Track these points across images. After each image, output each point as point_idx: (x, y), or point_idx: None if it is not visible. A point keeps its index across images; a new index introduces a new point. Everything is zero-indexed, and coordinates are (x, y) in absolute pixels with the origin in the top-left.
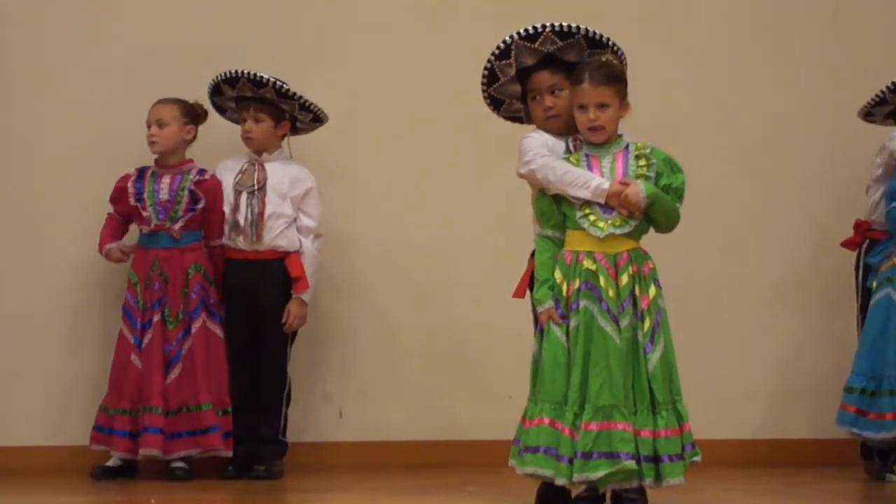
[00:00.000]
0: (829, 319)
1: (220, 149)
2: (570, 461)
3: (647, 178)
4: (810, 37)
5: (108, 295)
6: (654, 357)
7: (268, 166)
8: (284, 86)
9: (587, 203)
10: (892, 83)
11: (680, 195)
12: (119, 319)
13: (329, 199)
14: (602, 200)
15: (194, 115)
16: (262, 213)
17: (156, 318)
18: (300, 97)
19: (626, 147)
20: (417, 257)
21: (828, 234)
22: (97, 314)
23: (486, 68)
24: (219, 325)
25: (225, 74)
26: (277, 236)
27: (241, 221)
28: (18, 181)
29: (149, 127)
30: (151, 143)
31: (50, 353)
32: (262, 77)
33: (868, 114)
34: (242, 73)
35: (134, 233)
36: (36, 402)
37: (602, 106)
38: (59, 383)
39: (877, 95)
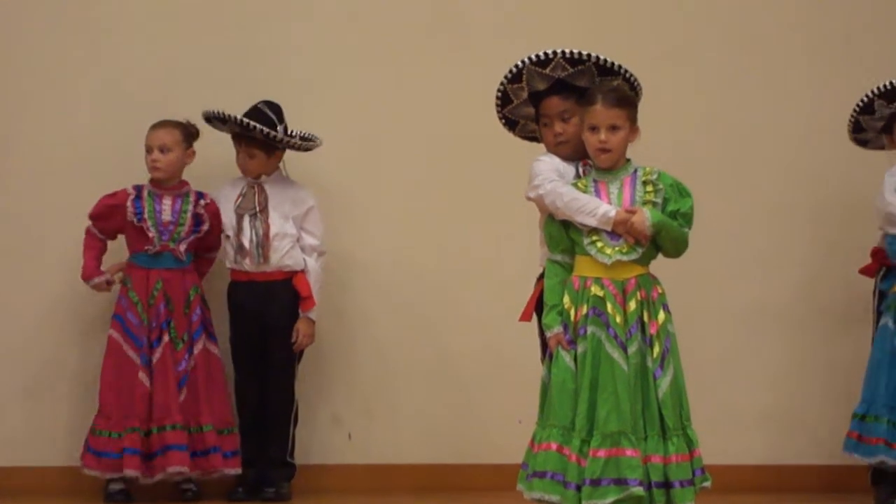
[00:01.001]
0: (841, 344)
1: (215, 164)
2: (578, 488)
3: (654, 204)
4: (822, 63)
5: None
6: (664, 382)
7: (267, 188)
8: (272, 133)
9: (594, 229)
10: (858, 105)
11: (688, 220)
12: (97, 341)
13: (333, 221)
14: (608, 228)
15: (192, 136)
16: (266, 234)
17: (165, 337)
18: (287, 141)
19: (634, 172)
20: (426, 279)
21: (839, 259)
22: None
23: (499, 90)
24: (216, 345)
25: (216, 113)
26: (284, 256)
27: (247, 244)
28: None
29: (150, 151)
30: (154, 169)
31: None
32: (249, 124)
33: (859, 141)
34: (229, 116)
35: (114, 253)
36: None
37: (613, 128)
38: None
39: (850, 121)
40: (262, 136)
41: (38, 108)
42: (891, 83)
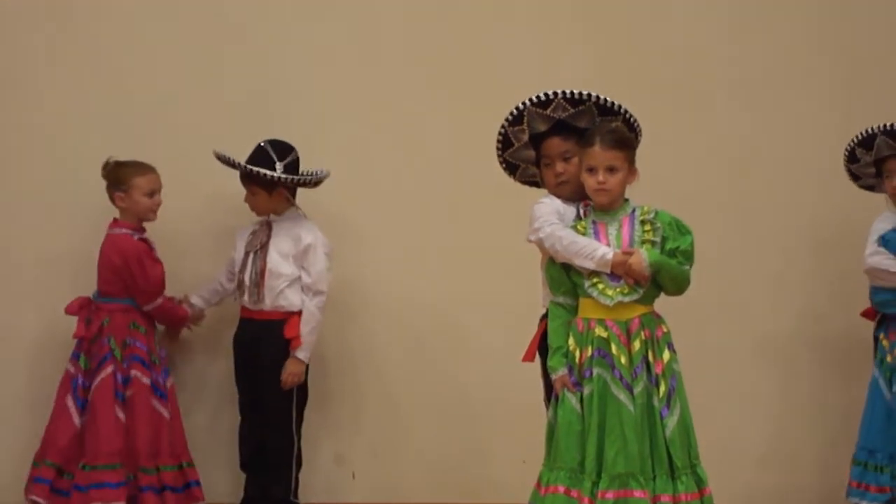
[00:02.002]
0: (841, 385)
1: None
2: None
3: (652, 243)
4: (826, 98)
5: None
6: (671, 422)
7: (275, 226)
8: (255, 170)
9: (595, 272)
10: (844, 157)
11: (688, 256)
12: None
13: (341, 258)
14: (607, 270)
15: None
16: (262, 272)
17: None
18: (272, 177)
19: (633, 212)
20: (430, 318)
21: (840, 299)
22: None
23: (500, 133)
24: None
25: (219, 155)
26: (278, 296)
27: (246, 280)
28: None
29: (152, 196)
30: (155, 213)
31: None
32: (234, 161)
33: (852, 174)
34: (222, 156)
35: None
36: None
37: (611, 169)
38: None
39: (847, 149)
40: (246, 173)
41: (42, 147)
42: (867, 130)
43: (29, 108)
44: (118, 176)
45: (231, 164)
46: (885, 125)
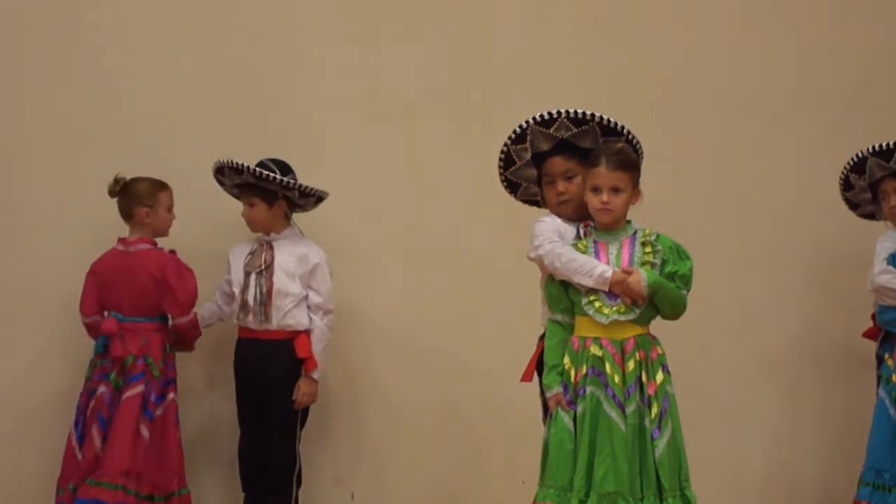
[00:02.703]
0: (843, 404)
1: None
2: None
3: (652, 265)
4: (825, 121)
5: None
6: (661, 443)
7: (276, 245)
8: (259, 171)
9: (593, 290)
10: (851, 160)
11: (686, 282)
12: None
13: (340, 276)
14: (605, 288)
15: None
16: (269, 292)
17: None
18: (280, 180)
19: (634, 234)
20: (429, 338)
21: (839, 318)
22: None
23: (502, 152)
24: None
25: (215, 165)
26: (286, 315)
27: (250, 301)
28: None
29: (170, 211)
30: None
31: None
32: (238, 164)
33: (849, 203)
34: (223, 161)
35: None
36: None
37: (615, 190)
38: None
39: (841, 175)
40: (254, 176)
41: (42, 166)
42: (858, 154)
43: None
44: (140, 191)
45: (236, 168)
46: (873, 146)
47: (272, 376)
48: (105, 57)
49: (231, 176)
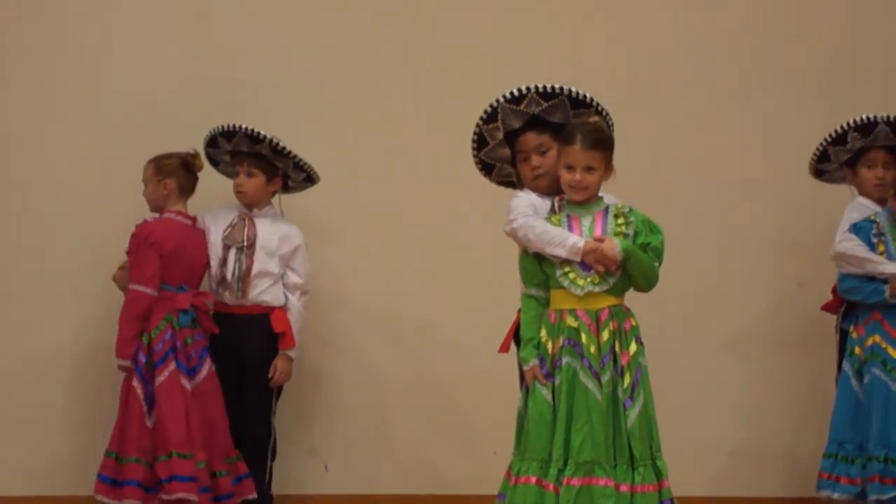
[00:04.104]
0: (808, 377)
1: (213, 201)
2: None
3: (625, 235)
4: (796, 97)
5: (106, 349)
6: (633, 413)
7: (258, 222)
8: (280, 143)
9: (567, 262)
10: (830, 136)
11: (658, 254)
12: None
13: (317, 254)
14: (578, 258)
15: (170, 169)
16: (249, 270)
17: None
18: (295, 156)
19: (606, 208)
20: (404, 312)
21: (807, 291)
22: (96, 368)
23: (475, 133)
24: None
25: (223, 128)
26: (262, 292)
27: (229, 276)
28: (15, 234)
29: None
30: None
31: (43, 403)
32: (259, 133)
33: (818, 172)
34: (240, 127)
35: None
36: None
37: (589, 169)
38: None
39: (817, 149)
40: (271, 146)
41: (23, 147)
42: (867, 117)
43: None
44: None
45: (254, 136)
46: (874, 116)
47: (249, 353)
48: (82, 34)
49: (239, 143)
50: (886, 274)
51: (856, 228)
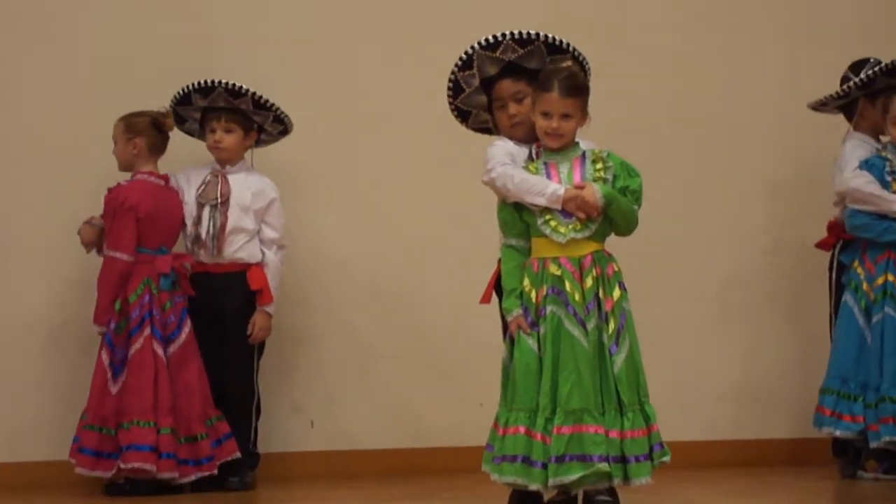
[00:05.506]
0: (800, 318)
1: (181, 160)
2: (544, 466)
3: (604, 180)
4: (784, 36)
5: (82, 314)
6: (619, 359)
7: (231, 179)
8: (263, 97)
9: (547, 210)
10: (861, 79)
11: (637, 198)
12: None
13: (294, 209)
14: (559, 207)
15: (140, 128)
16: (223, 227)
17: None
18: (277, 108)
19: (584, 154)
20: (385, 265)
21: (797, 232)
22: (72, 333)
23: (450, 80)
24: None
25: (200, 84)
26: (238, 249)
27: (203, 235)
28: None
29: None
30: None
31: (26, 371)
32: (240, 87)
33: (823, 104)
34: (220, 82)
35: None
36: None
37: (566, 116)
38: (33, 400)
39: (844, 90)
40: (252, 99)
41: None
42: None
43: None
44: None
45: (234, 90)
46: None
47: (228, 311)
48: None
49: (216, 99)
50: None
51: (868, 165)
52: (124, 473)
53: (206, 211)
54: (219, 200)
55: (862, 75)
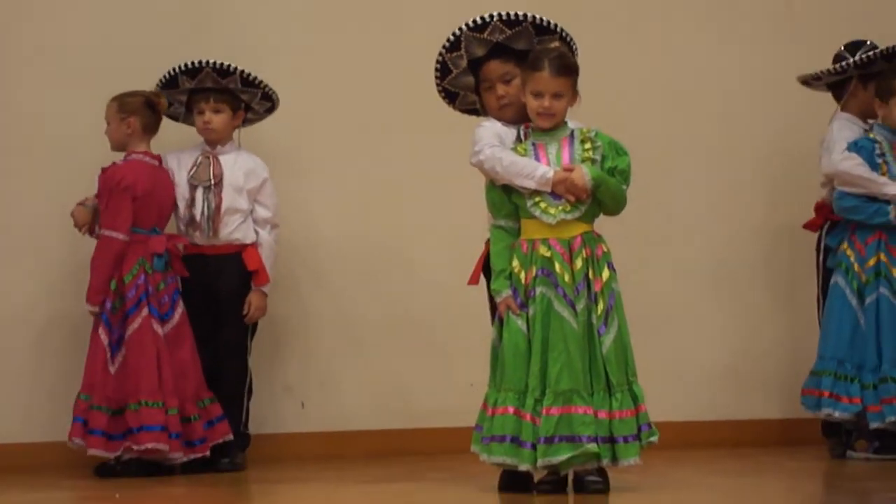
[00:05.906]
0: (788, 299)
1: (169, 143)
2: (533, 446)
3: (592, 161)
4: (767, 13)
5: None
6: (608, 339)
7: (222, 159)
8: (251, 74)
9: (536, 191)
10: (860, 59)
11: (626, 177)
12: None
13: (285, 190)
14: (548, 189)
15: (133, 108)
16: (218, 208)
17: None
18: (266, 85)
19: (572, 133)
20: (375, 246)
21: (784, 215)
22: (72, 314)
23: (438, 61)
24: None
25: (187, 65)
26: (233, 230)
27: (198, 216)
28: None
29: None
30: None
31: (27, 351)
32: (228, 66)
33: (816, 77)
34: (207, 62)
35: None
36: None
37: (557, 95)
38: (35, 381)
39: (841, 67)
40: (241, 77)
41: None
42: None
43: None
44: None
45: (222, 70)
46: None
47: (223, 292)
48: None
49: (204, 79)
50: (890, 195)
51: (857, 147)
52: (136, 454)
53: (200, 192)
54: (212, 182)
55: (862, 55)
